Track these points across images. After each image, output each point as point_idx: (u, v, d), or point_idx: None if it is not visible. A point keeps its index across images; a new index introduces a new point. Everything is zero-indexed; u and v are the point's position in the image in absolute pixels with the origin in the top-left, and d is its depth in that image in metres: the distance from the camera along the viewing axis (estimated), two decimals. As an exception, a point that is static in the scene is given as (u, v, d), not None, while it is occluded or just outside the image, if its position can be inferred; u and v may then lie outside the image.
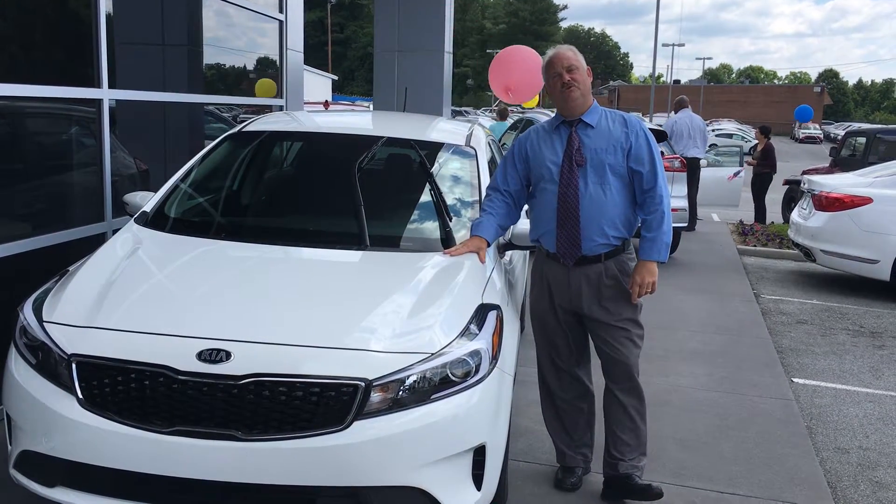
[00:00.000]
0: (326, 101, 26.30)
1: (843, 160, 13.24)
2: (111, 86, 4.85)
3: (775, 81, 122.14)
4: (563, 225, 3.35)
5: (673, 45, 59.74)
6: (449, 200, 3.74)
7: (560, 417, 3.64)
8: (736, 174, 12.30)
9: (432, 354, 2.68)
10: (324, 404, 2.54)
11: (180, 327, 2.69)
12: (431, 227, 3.64)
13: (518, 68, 7.19)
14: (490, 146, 4.70)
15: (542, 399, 3.70)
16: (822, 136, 54.68)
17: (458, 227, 3.61)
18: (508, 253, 3.83)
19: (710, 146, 12.17)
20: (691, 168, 10.25)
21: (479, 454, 2.75)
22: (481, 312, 2.95)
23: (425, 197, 3.79)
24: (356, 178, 3.69)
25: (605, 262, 3.37)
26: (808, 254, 8.40)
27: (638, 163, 3.32)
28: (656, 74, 36.86)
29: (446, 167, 4.08)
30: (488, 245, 3.42)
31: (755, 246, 10.56)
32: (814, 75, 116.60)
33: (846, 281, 8.50)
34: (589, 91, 3.40)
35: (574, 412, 3.62)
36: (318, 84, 43.79)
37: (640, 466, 3.50)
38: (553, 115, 3.58)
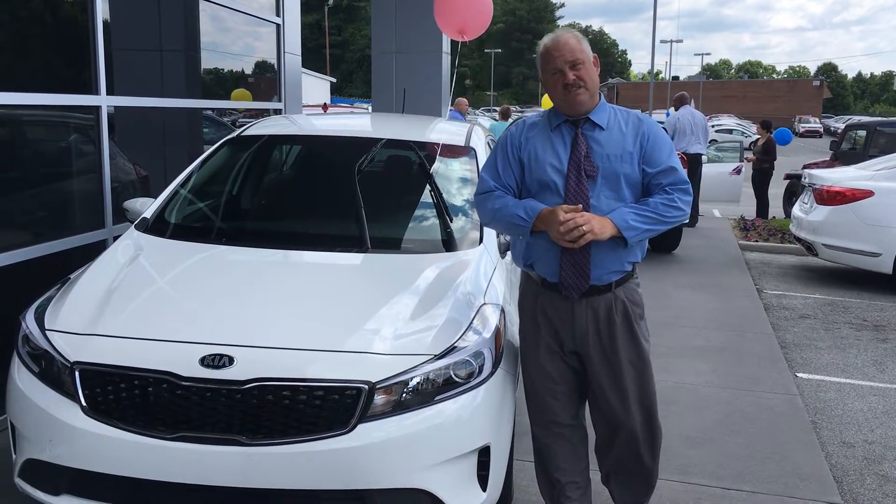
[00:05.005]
0: (325, 103, 26.26)
1: (844, 154, 13.21)
2: (109, 92, 4.85)
3: (774, 76, 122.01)
4: (569, 249, 2.74)
5: (671, 41, 59.85)
6: (449, 201, 3.74)
7: (553, 484, 3.06)
8: (736, 170, 12.31)
9: (435, 356, 2.68)
10: (328, 408, 2.53)
11: (183, 333, 2.69)
12: (432, 229, 3.63)
13: (465, 6, 7.09)
14: (489, 146, 4.69)
15: (536, 462, 3.16)
16: (822, 129, 54.74)
17: (459, 227, 3.60)
18: (509, 253, 3.82)
19: (710, 142, 12.22)
20: (693, 164, 10.27)
21: (484, 455, 2.75)
22: (483, 313, 2.95)
23: (425, 198, 3.79)
24: (356, 181, 3.69)
25: (614, 291, 2.83)
26: (809, 248, 8.39)
27: (656, 166, 2.77)
28: (655, 71, 36.86)
29: (446, 168, 4.07)
30: None
31: (757, 241, 10.54)
32: (813, 69, 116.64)
33: (848, 275, 8.48)
34: (597, 87, 2.79)
35: (572, 484, 3.03)
36: (316, 87, 43.78)
37: None
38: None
